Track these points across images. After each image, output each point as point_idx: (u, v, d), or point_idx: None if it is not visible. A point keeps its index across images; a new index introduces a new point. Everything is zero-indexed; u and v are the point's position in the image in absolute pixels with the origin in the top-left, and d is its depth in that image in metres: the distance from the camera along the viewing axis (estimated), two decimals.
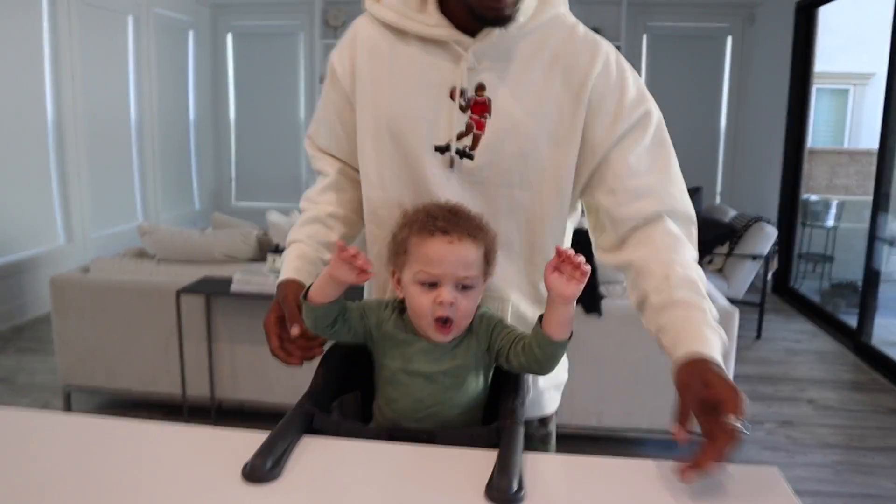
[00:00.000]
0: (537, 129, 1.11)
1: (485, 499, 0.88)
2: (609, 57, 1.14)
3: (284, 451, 0.97)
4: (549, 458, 1.01)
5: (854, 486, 2.71)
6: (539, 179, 1.14)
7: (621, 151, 1.12)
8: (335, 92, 1.20)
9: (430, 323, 1.04)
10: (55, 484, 0.90)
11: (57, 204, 4.93)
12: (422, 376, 1.06)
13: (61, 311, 3.13)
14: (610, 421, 2.90)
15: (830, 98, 10.19)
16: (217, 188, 7.35)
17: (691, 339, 0.96)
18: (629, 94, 1.13)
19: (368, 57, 1.15)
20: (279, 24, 6.95)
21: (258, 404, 3.10)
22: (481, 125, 1.11)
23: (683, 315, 1.00)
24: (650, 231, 1.11)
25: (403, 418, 1.09)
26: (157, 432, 1.06)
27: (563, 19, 1.14)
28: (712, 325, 0.99)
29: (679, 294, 1.02)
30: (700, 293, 1.03)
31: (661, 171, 1.13)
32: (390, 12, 1.12)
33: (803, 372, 3.94)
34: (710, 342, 0.96)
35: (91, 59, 5.19)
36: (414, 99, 1.12)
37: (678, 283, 1.03)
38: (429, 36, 1.10)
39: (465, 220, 1.06)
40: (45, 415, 1.13)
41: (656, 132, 1.14)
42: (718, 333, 0.99)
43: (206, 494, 0.89)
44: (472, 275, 1.04)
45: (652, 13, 6.54)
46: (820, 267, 6.20)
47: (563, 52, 1.12)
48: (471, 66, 1.09)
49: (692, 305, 1.01)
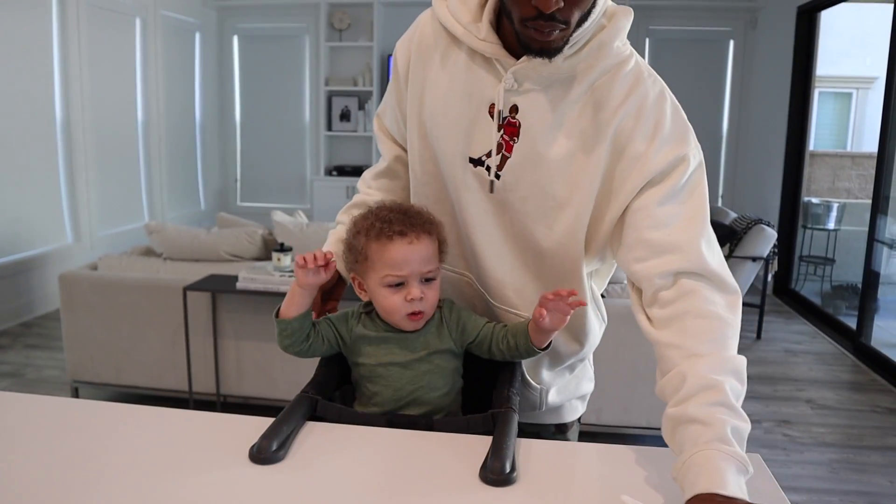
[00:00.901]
0: (556, 163, 1.07)
1: (479, 480, 0.93)
2: (648, 94, 1.05)
3: (289, 434, 1.01)
4: (542, 444, 1.05)
5: (850, 483, 2.74)
6: (554, 216, 1.09)
7: (645, 200, 1.03)
8: (395, 81, 1.22)
9: (402, 318, 1.10)
10: (70, 465, 0.95)
11: (65, 203, 4.99)
12: (398, 366, 1.12)
13: (70, 308, 3.18)
14: (608, 418, 2.94)
15: (833, 101, 10.19)
16: (222, 189, 7.41)
17: (699, 478, 0.82)
18: (661, 136, 1.04)
19: (422, 55, 1.14)
20: (285, 27, 7.01)
21: (262, 400, 3.15)
22: (510, 147, 1.08)
23: (693, 438, 0.87)
24: (681, 302, 0.99)
25: (385, 409, 1.13)
26: (166, 417, 1.11)
27: (614, 51, 1.04)
28: (725, 450, 0.84)
29: (692, 409, 0.89)
30: (719, 401, 0.88)
31: (689, 225, 1.02)
32: (449, 16, 1.10)
33: (802, 372, 3.97)
34: (722, 475, 0.82)
35: (99, 61, 5.25)
36: (453, 107, 1.11)
37: (694, 391, 0.90)
38: (476, 49, 1.07)
39: (417, 216, 1.11)
40: (59, 401, 1.17)
41: (688, 182, 1.04)
42: (733, 452, 0.84)
43: (214, 474, 0.93)
44: (433, 267, 1.10)
45: (654, 17, 6.58)
46: (821, 269, 6.22)
47: (602, 85, 1.04)
48: (508, 88, 1.05)
49: (707, 423, 0.87)
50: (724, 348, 0.95)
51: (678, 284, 1.00)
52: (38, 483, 0.90)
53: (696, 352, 0.94)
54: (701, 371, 0.91)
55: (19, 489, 0.88)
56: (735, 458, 0.84)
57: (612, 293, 2.97)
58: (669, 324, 0.99)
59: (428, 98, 1.14)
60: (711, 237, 1.03)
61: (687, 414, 0.89)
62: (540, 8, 0.92)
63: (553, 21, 0.94)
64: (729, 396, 0.89)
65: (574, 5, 0.95)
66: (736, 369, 0.93)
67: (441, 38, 1.12)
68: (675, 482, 0.87)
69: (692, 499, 0.81)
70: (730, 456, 0.84)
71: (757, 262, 4.59)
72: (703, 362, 0.92)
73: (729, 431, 0.86)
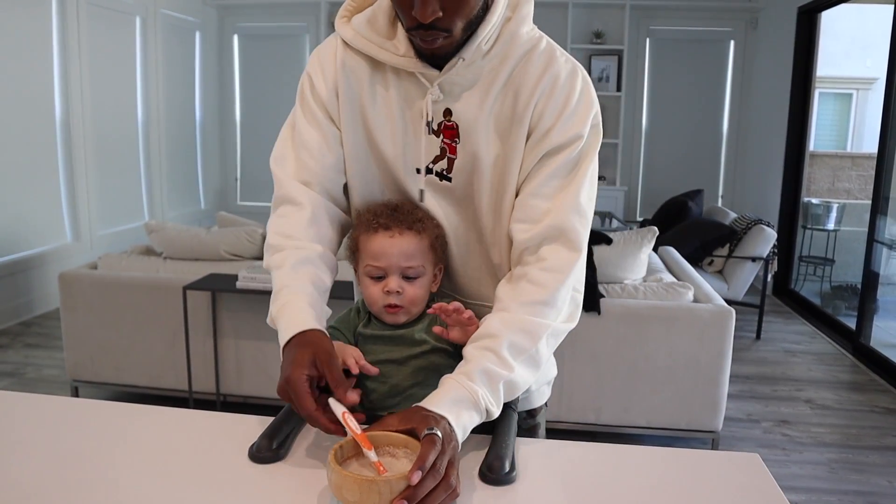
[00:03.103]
0: (492, 153, 1.11)
1: (479, 479, 0.93)
2: (560, 72, 1.09)
3: (289, 434, 1.02)
4: (541, 443, 1.06)
5: (848, 483, 2.74)
6: (501, 205, 1.13)
7: (537, 168, 1.10)
8: (319, 110, 1.16)
9: (380, 309, 1.13)
10: (70, 464, 0.95)
11: (64, 202, 5.00)
12: (394, 363, 1.12)
13: (70, 307, 3.18)
14: (608, 417, 2.94)
15: (834, 102, 10.20)
16: (222, 188, 7.41)
17: (432, 397, 0.97)
18: (567, 113, 1.08)
19: (348, 79, 1.13)
20: (285, 26, 7.01)
21: (262, 399, 3.15)
22: (453, 149, 1.12)
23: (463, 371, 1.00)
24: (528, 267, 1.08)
25: (383, 406, 1.13)
26: (166, 417, 1.11)
27: (524, 38, 1.08)
28: (462, 381, 0.98)
29: (467, 349, 1.03)
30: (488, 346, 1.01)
31: (565, 198, 1.09)
32: (360, 38, 1.10)
33: (801, 372, 3.97)
34: (441, 397, 0.96)
35: (99, 60, 5.25)
36: (393, 123, 1.13)
37: (477, 337, 1.04)
38: (398, 66, 1.09)
39: (406, 215, 1.12)
40: (58, 400, 1.18)
41: (576, 157, 1.09)
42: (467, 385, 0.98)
43: (214, 473, 0.93)
44: (415, 265, 1.11)
45: (655, 17, 6.58)
46: (821, 270, 6.23)
47: (518, 71, 1.08)
48: (436, 99, 1.09)
49: (466, 360, 1.01)
50: (532, 313, 1.05)
51: (539, 251, 1.08)
52: (39, 482, 0.90)
53: (505, 307, 1.06)
54: (493, 323, 1.04)
55: (19, 488, 0.88)
56: (468, 390, 0.97)
57: (612, 293, 2.97)
58: (510, 280, 1.10)
59: (367, 120, 1.14)
60: (583, 207, 1.09)
61: (465, 352, 1.03)
62: (418, 18, 0.96)
63: (434, 30, 0.98)
64: (500, 345, 1.01)
65: (454, 14, 0.98)
66: (526, 329, 1.03)
67: (360, 61, 1.12)
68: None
69: (410, 408, 0.95)
70: (462, 386, 0.97)
71: (757, 263, 4.60)
72: (500, 316, 1.05)
73: (477, 371, 0.99)
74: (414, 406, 0.96)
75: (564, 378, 2.88)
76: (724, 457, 1.04)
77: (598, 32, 6.51)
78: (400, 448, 0.91)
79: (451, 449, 0.89)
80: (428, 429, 0.88)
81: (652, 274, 3.33)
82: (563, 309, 1.09)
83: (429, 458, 0.83)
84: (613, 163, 6.81)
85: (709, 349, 2.84)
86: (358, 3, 1.15)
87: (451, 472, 0.87)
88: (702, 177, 6.70)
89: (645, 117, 6.83)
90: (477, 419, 0.98)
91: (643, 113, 6.81)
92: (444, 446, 0.87)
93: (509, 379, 1.01)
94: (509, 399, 1.04)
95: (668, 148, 6.85)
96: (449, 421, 0.92)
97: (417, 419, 0.91)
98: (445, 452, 0.87)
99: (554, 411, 2.91)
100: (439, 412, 0.93)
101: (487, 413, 0.99)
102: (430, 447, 0.85)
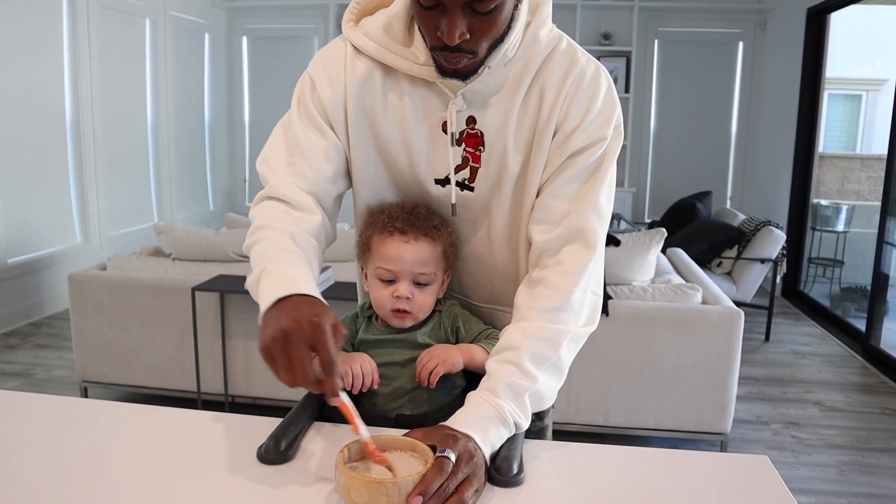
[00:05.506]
0: (519, 159, 1.09)
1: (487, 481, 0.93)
2: (585, 72, 1.08)
3: (297, 435, 1.02)
4: (549, 445, 1.05)
5: (858, 486, 2.73)
6: (521, 211, 1.12)
7: (559, 170, 1.08)
8: (319, 116, 1.11)
9: (388, 312, 1.13)
10: (79, 464, 0.96)
11: (74, 203, 5.02)
12: (397, 366, 1.13)
13: (79, 308, 3.20)
14: (616, 419, 2.93)
15: (843, 104, 10.14)
16: (231, 189, 7.43)
17: (457, 415, 0.96)
18: (591, 115, 1.07)
19: (359, 87, 1.09)
20: (294, 28, 7.03)
21: (270, 400, 3.16)
22: (476, 158, 1.10)
23: (483, 388, 1.00)
24: (547, 270, 1.07)
25: (386, 408, 1.14)
26: (174, 417, 1.11)
27: (544, 40, 1.06)
28: (487, 398, 0.98)
29: (489, 363, 1.03)
30: (509, 359, 1.01)
31: (585, 200, 1.08)
32: (374, 45, 1.07)
33: (811, 374, 3.95)
34: (467, 415, 0.95)
35: (109, 62, 5.28)
36: (408, 133, 1.10)
37: (499, 349, 1.04)
38: (418, 75, 1.06)
39: (423, 220, 1.11)
40: (68, 401, 1.18)
41: (598, 160, 1.08)
42: (492, 401, 0.97)
43: (222, 474, 0.93)
44: (427, 272, 1.11)
45: (664, 19, 6.56)
46: (830, 271, 6.20)
47: (543, 73, 1.07)
48: (459, 109, 1.07)
49: (489, 376, 1.01)
50: (550, 320, 1.04)
51: (558, 255, 1.07)
52: (48, 482, 0.90)
53: (524, 317, 1.06)
54: (513, 334, 1.04)
55: (29, 488, 0.89)
56: (493, 406, 0.96)
57: (620, 295, 2.96)
58: (528, 284, 1.09)
59: (377, 129, 1.11)
60: (602, 208, 1.08)
61: (487, 367, 1.03)
62: (444, 40, 0.94)
63: (459, 52, 0.97)
64: (521, 357, 1.00)
65: (481, 37, 0.97)
66: (546, 337, 1.03)
67: (373, 67, 1.09)
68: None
69: (435, 426, 0.94)
70: (487, 403, 0.97)
71: (766, 264, 4.58)
72: (519, 326, 1.04)
73: (501, 385, 0.98)
74: (440, 424, 0.95)
75: (572, 380, 2.88)
76: (733, 459, 1.03)
77: (607, 34, 6.50)
78: (406, 451, 0.91)
79: (470, 467, 0.88)
80: (441, 451, 0.87)
81: (660, 275, 3.32)
82: (582, 313, 1.08)
83: (433, 483, 0.83)
84: (622, 164, 6.79)
85: (717, 351, 2.83)
86: (363, 4, 1.11)
87: (464, 489, 0.86)
88: (710, 178, 6.68)
89: (653, 119, 6.81)
90: (506, 433, 0.97)
91: (651, 114, 6.79)
92: (456, 467, 0.86)
93: (534, 390, 1.01)
94: (539, 409, 1.03)
95: (677, 149, 6.83)
96: (475, 439, 0.92)
97: (438, 437, 0.90)
98: (457, 473, 0.86)
99: (562, 413, 2.90)
100: (465, 431, 0.92)
101: (517, 426, 0.98)
102: (436, 472, 0.84)
